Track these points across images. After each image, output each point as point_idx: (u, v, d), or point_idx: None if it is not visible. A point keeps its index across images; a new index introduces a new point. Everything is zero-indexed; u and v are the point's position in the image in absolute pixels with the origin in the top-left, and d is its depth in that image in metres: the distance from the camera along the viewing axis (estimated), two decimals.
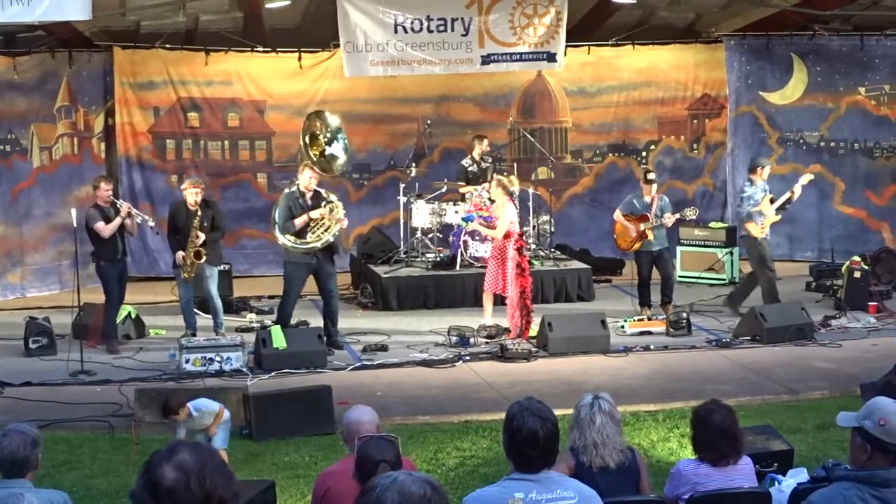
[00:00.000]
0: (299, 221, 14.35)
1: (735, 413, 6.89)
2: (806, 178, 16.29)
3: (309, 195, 14.53)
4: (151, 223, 15.26)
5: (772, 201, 15.85)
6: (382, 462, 5.43)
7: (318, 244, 14.40)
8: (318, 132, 15.24)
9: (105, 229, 14.43)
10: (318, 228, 14.46)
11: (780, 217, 16.09)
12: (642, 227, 15.73)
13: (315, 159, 14.94)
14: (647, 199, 15.87)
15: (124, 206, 14.74)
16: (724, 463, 6.69)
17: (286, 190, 14.91)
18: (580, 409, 6.68)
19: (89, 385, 13.08)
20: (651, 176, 16.08)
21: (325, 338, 14.24)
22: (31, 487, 6.04)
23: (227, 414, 10.11)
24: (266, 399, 11.49)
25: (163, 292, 17.75)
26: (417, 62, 17.96)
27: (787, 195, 15.88)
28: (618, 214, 16.11)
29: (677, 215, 15.83)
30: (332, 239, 14.50)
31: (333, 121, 15.47)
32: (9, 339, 15.05)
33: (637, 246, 15.91)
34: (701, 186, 21.13)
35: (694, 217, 16.41)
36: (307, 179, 14.53)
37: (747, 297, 16.31)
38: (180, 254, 14.59)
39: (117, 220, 14.50)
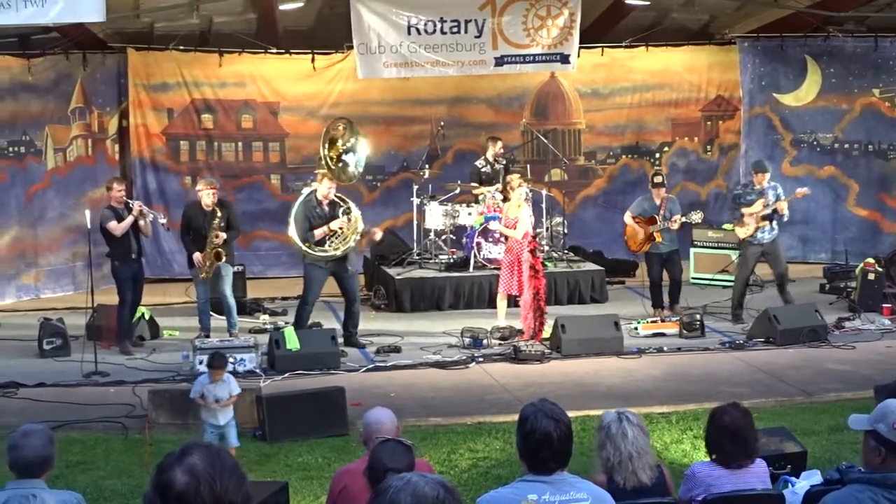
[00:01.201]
0: (319, 233, 14.48)
1: (750, 416, 6.85)
2: (799, 192, 16.09)
3: (326, 203, 14.59)
4: (163, 220, 15.32)
5: (765, 206, 15.71)
6: (390, 471, 5.42)
7: (335, 254, 14.47)
8: (339, 137, 15.21)
9: (117, 228, 14.46)
10: (335, 239, 14.53)
11: (766, 223, 15.86)
12: (651, 229, 15.85)
13: (331, 164, 14.91)
14: (657, 201, 15.98)
15: (136, 204, 14.77)
16: (738, 465, 6.67)
17: (304, 194, 14.96)
18: (609, 426, 6.49)
19: (103, 386, 13.11)
20: (658, 179, 16.17)
21: (344, 337, 14.57)
22: (44, 487, 6.05)
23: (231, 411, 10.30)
24: (279, 400, 11.49)
25: (176, 294, 17.80)
26: (431, 64, 17.95)
27: (776, 206, 15.63)
28: (627, 216, 16.27)
29: (683, 218, 15.89)
30: (347, 250, 14.54)
31: (360, 143, 15.35)
32: (23, 340, 15.10)
33: (646, 247, 16.03)
34: (714, 188, 21.12)
35: (699, 220, 16.43)
36: (326, 189, 14.61)
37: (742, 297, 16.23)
38: (199, 255, 14.62)
39: (129, 219, 14.54)
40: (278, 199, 19.87)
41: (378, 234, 15.51)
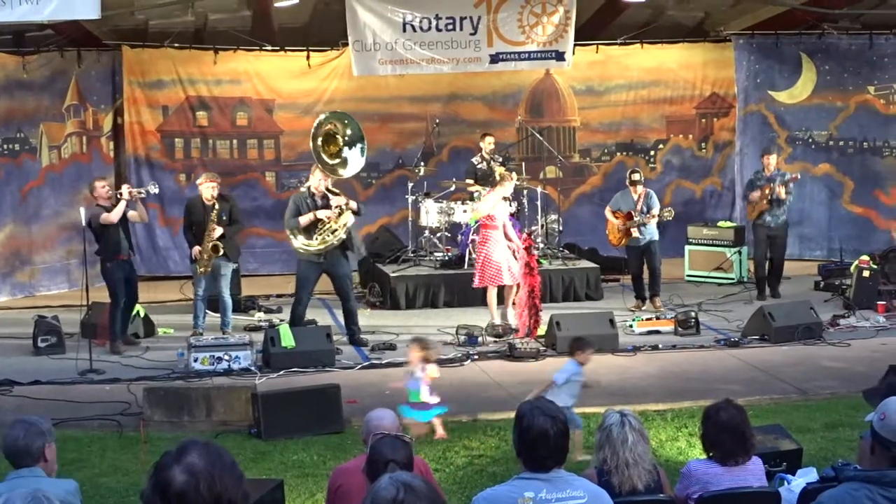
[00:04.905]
0: (304, 220, 14.42)
1: (746, 413, 6.86)
2: (792, 177, 17.25)
3: (319, 196, 14.56)
4: (154, 189, 15.21)
5: (771, 191, 16.75)
6: (392, 462, 5.44)
7: (322, 247, 14.42)
8: (335, 132, 15.12)
9: (111, 215, 14.30)
10: (323, 231, 14.47)
11: (768, 206, 16.91)
12: (628, 224, 16.33)
13: (327, 159, 14.85)
14: (634, 196, 16.40)
15: (125, 189, 14.70)
16: (734, 462, 6.66)
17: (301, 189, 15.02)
18: (611, 428, 6.45)
19: (98, 384, 13.08)
20: (635, 177, 16.59)
21: (347, 336, 14.77)
22: (41, 475, 6.09)
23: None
24: (274, 398, 11.48)
25: (171, 291, 17.78)
26: (426, 61, 17.94)
27: (777, 190, 16.83)
28: (607, 211, 16.72)
29: (656, 216, 16.27)
30: (336, 243, 14.47)
31: (355, 128, 15.22)
32: (18, 338, 15.07)
33: (625, 241, 16.52)
34: (709, 186, 21.15)
35: (670, 218, 16.65)
36: (317, 181, 14.57)
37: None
38: (197, 248, 14.60)
39: (122, 203, 14.37)
40: (273, 197, 19.89)
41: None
